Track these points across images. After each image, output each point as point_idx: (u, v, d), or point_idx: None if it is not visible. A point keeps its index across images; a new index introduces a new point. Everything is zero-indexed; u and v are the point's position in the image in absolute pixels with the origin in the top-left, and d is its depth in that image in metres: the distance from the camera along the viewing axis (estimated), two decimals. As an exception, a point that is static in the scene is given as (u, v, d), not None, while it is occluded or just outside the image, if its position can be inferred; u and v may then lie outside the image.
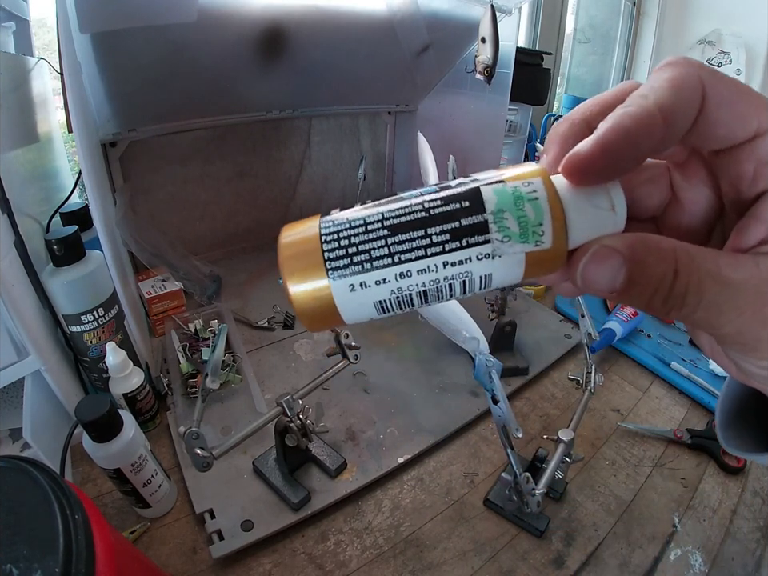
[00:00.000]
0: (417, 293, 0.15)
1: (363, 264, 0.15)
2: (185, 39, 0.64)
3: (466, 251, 0.15)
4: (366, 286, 0.15)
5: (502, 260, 0.15)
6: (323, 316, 0.16)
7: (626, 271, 0.14)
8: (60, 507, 0.25)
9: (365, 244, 0.15)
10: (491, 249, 0.15)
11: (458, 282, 0.15)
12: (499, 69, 0.76)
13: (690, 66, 0.14)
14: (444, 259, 0.15)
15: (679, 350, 0.80)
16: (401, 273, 0.15)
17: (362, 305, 0.16)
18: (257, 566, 0.48)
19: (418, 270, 0.15)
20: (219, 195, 1.00)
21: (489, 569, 0.48)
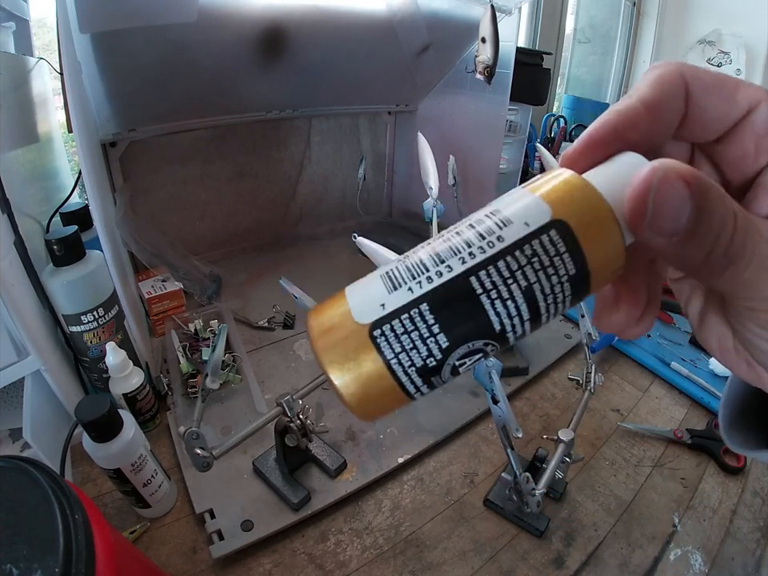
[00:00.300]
0: (424, 249, 0.14)
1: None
2: (185, 39, 0.64)
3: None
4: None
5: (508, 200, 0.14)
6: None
7: (693, 204, 0.12)
8: (60, 507, 0.25)
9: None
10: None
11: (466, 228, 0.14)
12: (499, 69, 0.76)
13: (669, 64, 0.15)
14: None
15: (679, 350, 0.80)
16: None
17: (371, 282, 0.14)
18: (257, 566, 0.48)
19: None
20: (219, 195, 1.00)
21: (489, 569, 0.48)
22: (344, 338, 0.13)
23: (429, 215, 0.84)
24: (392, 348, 0.13)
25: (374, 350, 0.13)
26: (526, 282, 0.13)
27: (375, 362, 0.13)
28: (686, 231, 0.12)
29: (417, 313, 0.13)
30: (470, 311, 0.13)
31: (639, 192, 0.13)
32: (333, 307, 0.14)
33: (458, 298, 0.13)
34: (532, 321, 0.13)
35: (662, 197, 0.12)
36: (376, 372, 0.13)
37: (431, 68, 0.96)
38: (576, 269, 0.13)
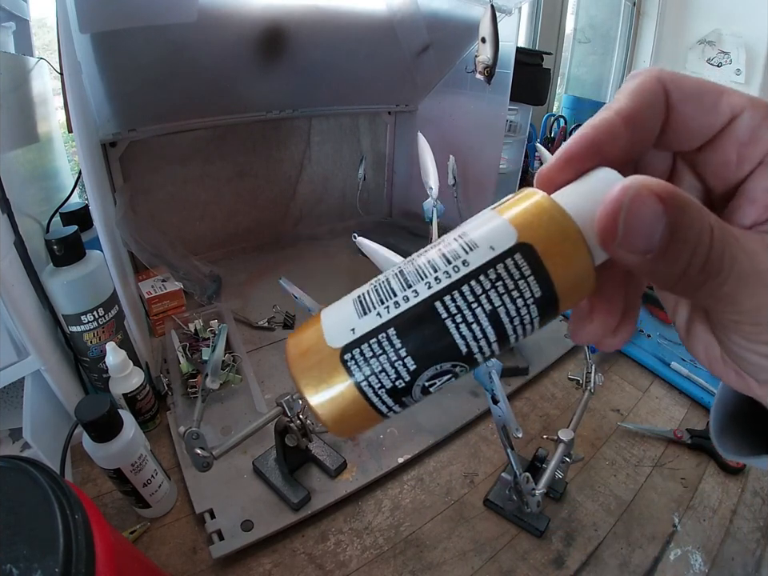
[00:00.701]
0: (394, 274, 0.14)
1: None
2: (185, 39, 0.64)
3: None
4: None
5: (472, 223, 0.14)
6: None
7: (667, 221, 0.12)
8: (60, 507, 0.25)
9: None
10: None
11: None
12: (499, 69, 0.76)
13: (649, 72, 0.15)
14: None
15: (679, 350, 0.80)
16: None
17: (341, 308, 0.15)
18: (257, 565, 0.48)
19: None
20: (219, 195, 1.00)
21: (489, 569, 0.48)
22: (318, 361, 0.14)
23: (429, 215, 0.84)
24: (362, 371, 0.13)
25: (345, 372, 0.14)
26: (490, 306, 0.13)
27: (347, 384, 0.14)
28: (659, 248, 0.12)
29: (384, 337, 0.13)
30: (436, 335, 0.13)
31: (610, 211, 0.12)
32: (308, 330, 0.15)
33: (424, 323, 0.13)
34: (499, 342, 0.13)
35: (634, 215, 0.12)
36: (348, 394, 0.14)
37: (431, 68, 0.96)
38: (542, 292, 0.13)
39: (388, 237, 1.02)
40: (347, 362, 0.14)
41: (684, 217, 0.12)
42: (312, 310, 0.54)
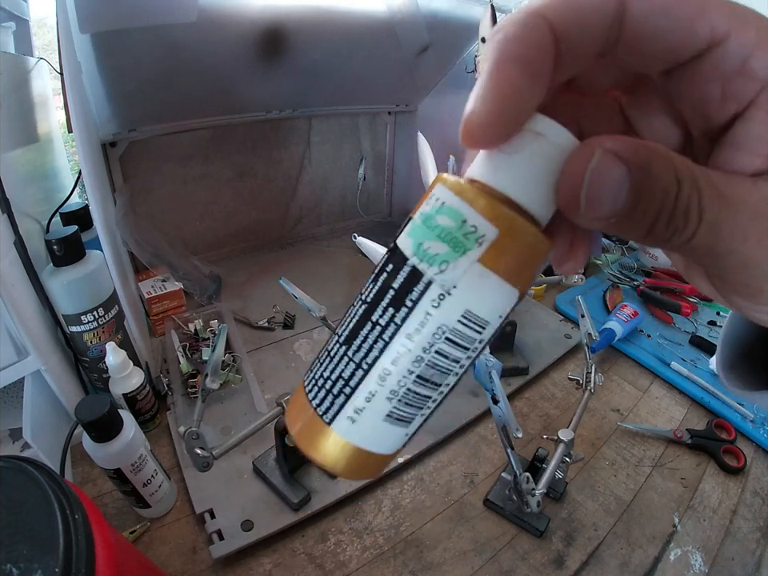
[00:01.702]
0: (413, 382, 0.13)
1: (343, 391, 0.14)
2: (185, 39, 0.64)
3: (417, 310, 0.12)
4: (360, 410, 0.13)
5: (462, 288, 0.12)
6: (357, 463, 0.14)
7: (630, 184, 0.11)
8: (60, 507, 0.25)
9: (334, 371, 0.14)
10: (439, 286, 0.12)
11: (444, 345, 0.13)
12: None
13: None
14: (405, 332, 0.12)
15: (679, 350, 0.80)
16: (379, 375, 0.13)
17: (377, 429, 0.14)
18: (257, 565, 0.48)
19: (392, 362, 0.13)
20: (219, 195, 1.00)
21: (489, 569, 0.48)
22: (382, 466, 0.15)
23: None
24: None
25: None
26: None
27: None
28: (623, 212, 0.11)
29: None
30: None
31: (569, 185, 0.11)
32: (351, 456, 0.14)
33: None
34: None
35: (596, 184, 0.11)
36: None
37: (431, 68, 0.96)
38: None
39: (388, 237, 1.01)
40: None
41: (649, 175, 0.11)
42: (312, 310, 0.54)
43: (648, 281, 0.97)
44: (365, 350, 0.13)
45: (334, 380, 0.14)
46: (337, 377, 0.14)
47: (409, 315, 0.12)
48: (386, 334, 0.13)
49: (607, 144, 0.11)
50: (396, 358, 0.13)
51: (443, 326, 0.12)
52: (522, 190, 0.12)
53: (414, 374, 0.13)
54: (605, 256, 1.07)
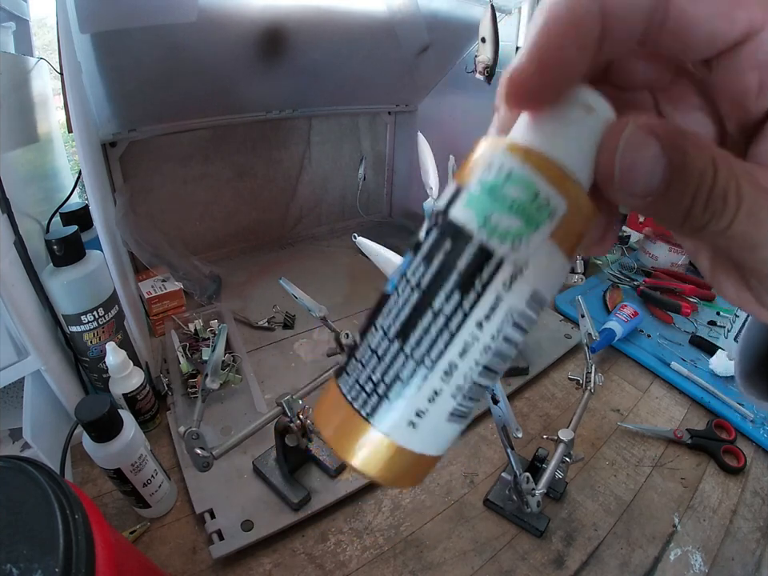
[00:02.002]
0: (479, 374, 0.12)
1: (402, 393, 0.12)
2: (185, 39, 0.64)
3: (488, 293, 0.11)
4: (423, 413, 0.12)
5: (533, 267, 0.11)
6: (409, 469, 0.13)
7: (666, 162, 0.11)
8: (60, 507, 0.25)
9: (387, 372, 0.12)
10: (511, 265, 0.11)
11: (511, 330, 0.12)
12: (499, 69, 0.75)
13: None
14: (475, 320, 0.11)
15: (679, 350, 0.80)
16: (445, 371, 0.12)
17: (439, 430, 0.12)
18: (257, 565, 0.48)
19: (460, 354, 0.12)
20: (219, 195, 1.00)
21: (489, 569, 0.48)
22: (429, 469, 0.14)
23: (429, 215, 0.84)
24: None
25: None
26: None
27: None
28: (659, 191, 0.11)
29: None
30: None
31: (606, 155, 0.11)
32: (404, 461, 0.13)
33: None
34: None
35: (630, 158, 0.11)
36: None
37: (431, 68, 0.96)
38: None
39: (388, 237, 1.02)
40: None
41: (684, 155, 0.11)
42: (312, 310, 0.54)
43: (648, 281, 0.97)
44: (427, 344, 0.12)
45: (388, 383, 0.12)
46: (391, 379, 0.12)
47: (478, 300, 0.11)
48: (452, 324, 0.11)
49: (641, 119, 0.11)
50: (464, 350, 0.11)
51: (513, 309, 0.11)
52: (577, 163, 0.12)
53: (480, 365, 0.12)
54: (605, 256, 1.07)
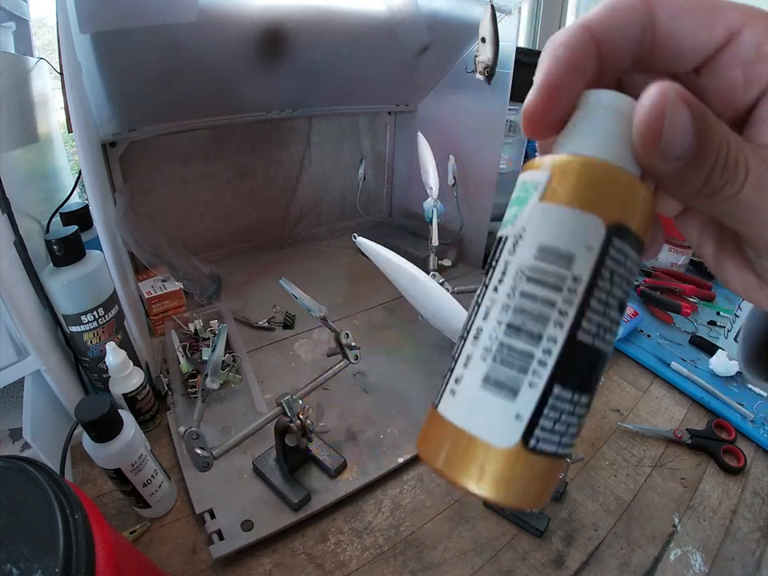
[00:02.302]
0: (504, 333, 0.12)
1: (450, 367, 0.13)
2: (185, 39, 0.64)
3: (498, 264, 0.13)
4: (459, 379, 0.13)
5: (531, 228, 0.13)
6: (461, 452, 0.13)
7: (695, 129, 0.12)
8: (60, 507, 0.25)
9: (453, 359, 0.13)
10: (512, 237, 0.13)
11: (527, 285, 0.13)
12: (499, 69, 0.76)
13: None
14: (492, 287, 0.13)
15: (679, 350, 0.80)
16: (474, 336, 0.13)
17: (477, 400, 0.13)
18: (257, 565, 0.48)
19: (483, 317, 0.13)
20: (219, 195, 1.00)
21: (489, 569, 0.48)
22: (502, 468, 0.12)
23: (429, 215, 0.84)
24: (552, 441, 0.12)
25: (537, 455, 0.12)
26: (617, 300, 0.13)
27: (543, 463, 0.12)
28: (690, 154, 0.12)
29: (557, 399, 0.12)
30: (594, 358, 0.13)
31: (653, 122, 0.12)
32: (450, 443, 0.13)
33: (581, 358, 0.12)
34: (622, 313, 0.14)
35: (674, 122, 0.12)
36: (547, 468, 0.13)
37: (431, 68, 0.96)
38: (639, 252, 0.13)
39: (388, 237, 1.02)
40: (536, 448, 0.12)
41: (708, 122, 0.12)
42: (312, 310, 0.54)
43: (648, 281, 0.97)
44: (464, 322, 0.14)
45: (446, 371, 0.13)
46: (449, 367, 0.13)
47: (493, 272, 0.13)
48: (478, 299, 0.13)
49: (677, 88, 0.12)
50: (486, 313, 0.13)
51: (521, 266, 0.12)
52: (588, 145, 0.14)
53: (503, 323, 0.12)
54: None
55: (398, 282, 0.67)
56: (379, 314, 0.87)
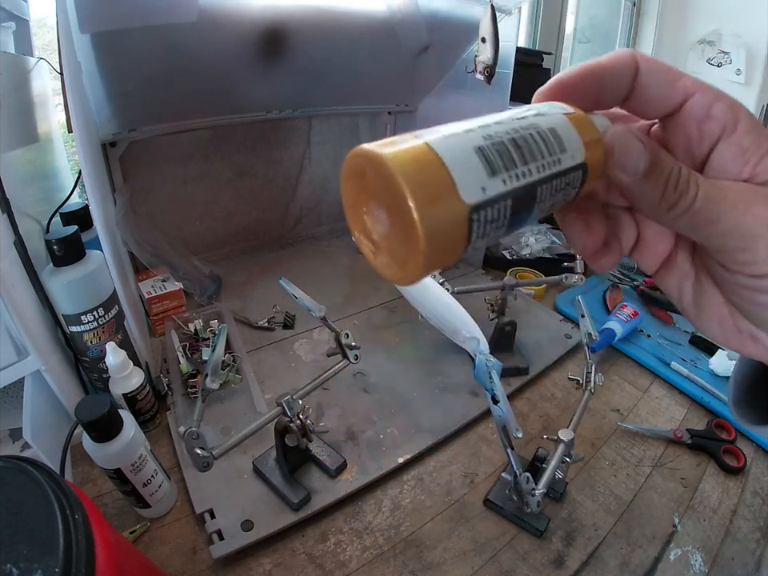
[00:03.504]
0: (509, 140, 0.15)
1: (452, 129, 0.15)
2: (185, 39, 0.64)
3: (526, 110, 0.17)
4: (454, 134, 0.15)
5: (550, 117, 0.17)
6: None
7: (648, 155, 0.16)
8: (60, 507, 0.25)
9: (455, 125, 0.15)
10: (536, 109, 0.17)
11: (534, 134, 0.16)
12: (499, 69, 0.75)
13: (627, 51, 0.18)
14: (515, 113, 0.17)
15: (679, 350, 0.80)
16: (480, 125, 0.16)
17: (465, 153, 0.14)
18: (257, 565, 0.48)
19: (497, 121, 0.16)
20: (219, 195, 1.00)
21: (489, 569, 0.48)
22: (445, 210, 0.14)
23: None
24: (477, 231, 0.15)
25: (466, 229, 0.14)
26: (556, 198, 0.17)
27: (461, 238, 0.14)
28: (644, 172, 0.16)
29: (503, 206, 0.15)
30: (526, 211, 0.16)
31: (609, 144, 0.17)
32: (425, 162, 0.14)
33: (525, 201, 0.15)
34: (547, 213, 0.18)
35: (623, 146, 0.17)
36: (457, 244, 0.15)
37: (431, 68, 0.96)
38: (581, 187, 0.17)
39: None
40: (472, 222, 0.14)
41: (660, 153, 0.17)
42: (312, 310, 0.54)
43: (648, 281, 0.97)
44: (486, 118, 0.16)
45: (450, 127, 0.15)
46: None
47: (518, 109, 0.17)
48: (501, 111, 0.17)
49: (631, 127, 0.17)
50: (501, 120, 0.16)
51: (535, 125, 0.16)
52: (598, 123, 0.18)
53: (510, 135, 0.15)
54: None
55: (397, 282, 0.67)
56: (379, 314, 0.87)
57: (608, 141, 0.17)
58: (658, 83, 0.18)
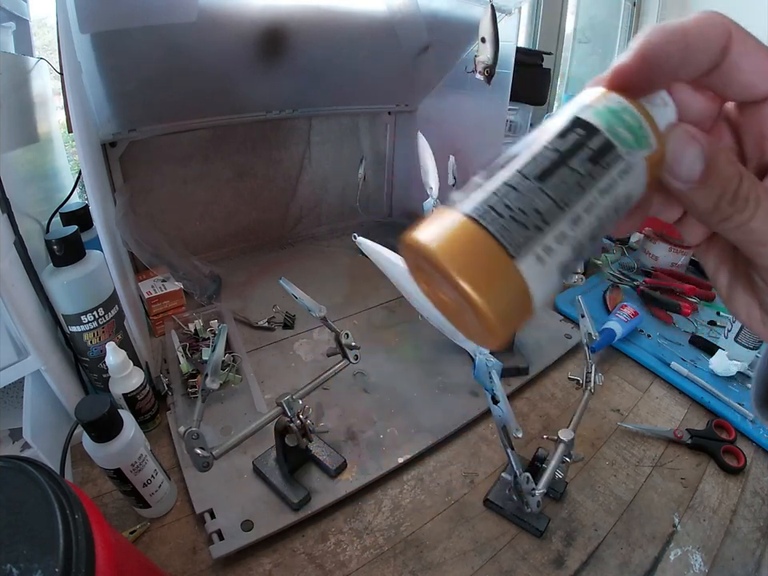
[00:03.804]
0: (589, 237, 0.14)
1: (537, 225, 0.13)
2: (185, 39, 0.64)
3: (609, 173, 0.15)
4: (549, 250, 0.13)
5: (632, 171, 0.15)
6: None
7: (705, 160, 0.15)
8: (60, 507, 0.25)
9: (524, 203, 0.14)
10: (626, 163, 0.15)
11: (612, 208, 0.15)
12: (499, 69, 0.75)
13: (717, 16, 0.15)
14: (599, 187, 0.14)
15: (679, 350, 0.80)
16: (572, 219, 0.14)
17: (551, 275, 0.14)
18: (257, 565, 0.48)
19: (585, 209, 0.14)
20: (219, 195, 1.00)
21: (489, 569, 0.48)
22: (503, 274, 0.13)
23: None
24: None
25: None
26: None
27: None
28: (698, 180, 0.15)
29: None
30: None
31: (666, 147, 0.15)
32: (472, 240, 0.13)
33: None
34: None
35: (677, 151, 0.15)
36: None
37: (431, 68, 0.96)
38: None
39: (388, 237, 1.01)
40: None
41: (719, 159, 0.15)
42: (312, 310, 0.54)
43: (648, 281, 0.97)
44: (562, 189, 0.14)
45: (525, 211, 0.13)
46: (530, 209, 0.14)
47: (603, 175, 0.15)
48: (583, 182, 0.14)
49: (690, 127, 0.15)
50: (589, 207, 0.14)
51: (620, 195, 0.15)
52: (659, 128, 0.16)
53: (592, 226, 0.14)
54: (605, 256, 1.07)
55: (398, 282, 0.67)
56: (379, 314, 0.87)
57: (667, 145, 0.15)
58: (750, 67, 0.15)
